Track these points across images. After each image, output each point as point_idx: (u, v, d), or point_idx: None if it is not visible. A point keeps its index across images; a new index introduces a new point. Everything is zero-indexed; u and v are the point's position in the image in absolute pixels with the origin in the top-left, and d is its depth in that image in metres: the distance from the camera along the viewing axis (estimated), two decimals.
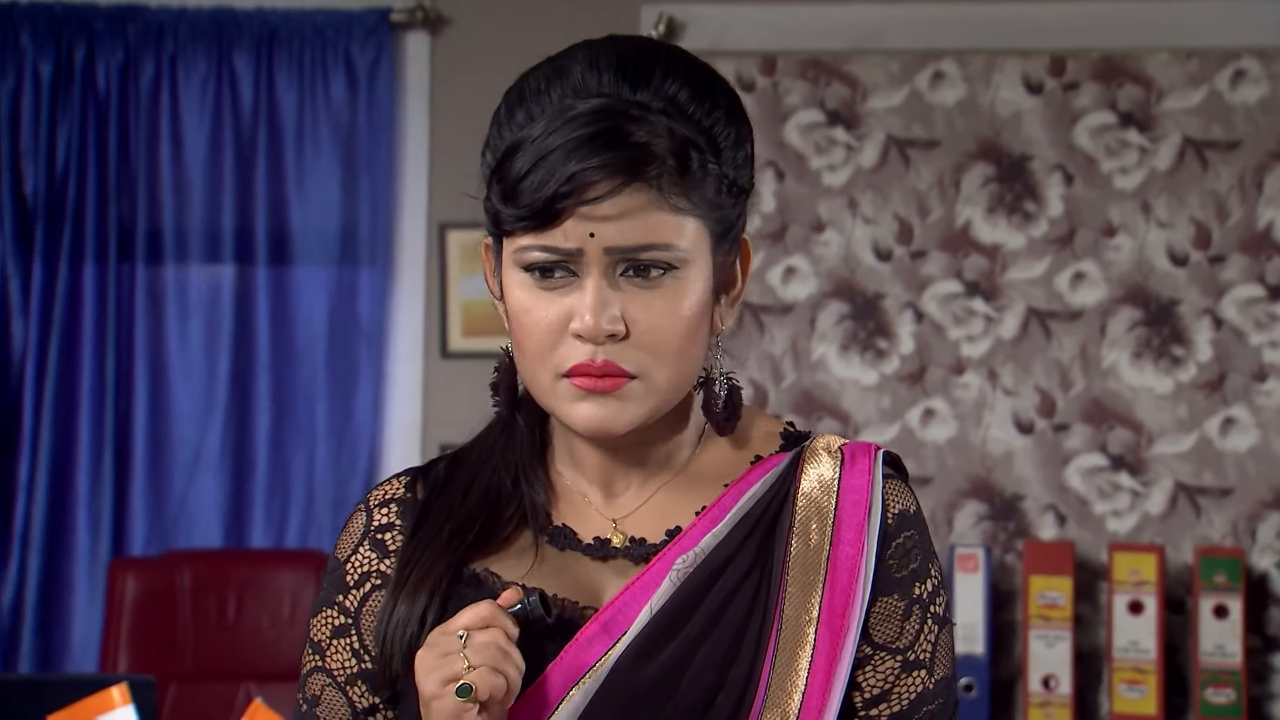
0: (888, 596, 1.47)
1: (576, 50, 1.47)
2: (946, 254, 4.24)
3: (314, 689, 1.50)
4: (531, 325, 1.43)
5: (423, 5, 4.26)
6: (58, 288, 4.21)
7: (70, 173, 4.23)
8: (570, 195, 1.39)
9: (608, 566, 1.47)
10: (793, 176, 4.25)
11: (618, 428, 1.43)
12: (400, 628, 1.44)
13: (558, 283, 1.42)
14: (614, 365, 1.41)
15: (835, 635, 1.43)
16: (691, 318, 1.44)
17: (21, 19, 4.23)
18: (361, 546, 1.51)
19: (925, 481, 4.20)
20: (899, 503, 1.49)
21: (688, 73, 1.46)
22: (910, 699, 1.47)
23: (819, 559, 1.45)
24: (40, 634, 4.18)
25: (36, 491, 4.18)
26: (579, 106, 1.42)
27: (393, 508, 1.52)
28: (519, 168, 1.41)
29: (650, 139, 1.41)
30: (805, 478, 1.48)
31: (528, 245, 1.42)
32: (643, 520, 1.49)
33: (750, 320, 4.23)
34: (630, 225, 1.40)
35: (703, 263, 1.45)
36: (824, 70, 4.27)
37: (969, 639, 4.03)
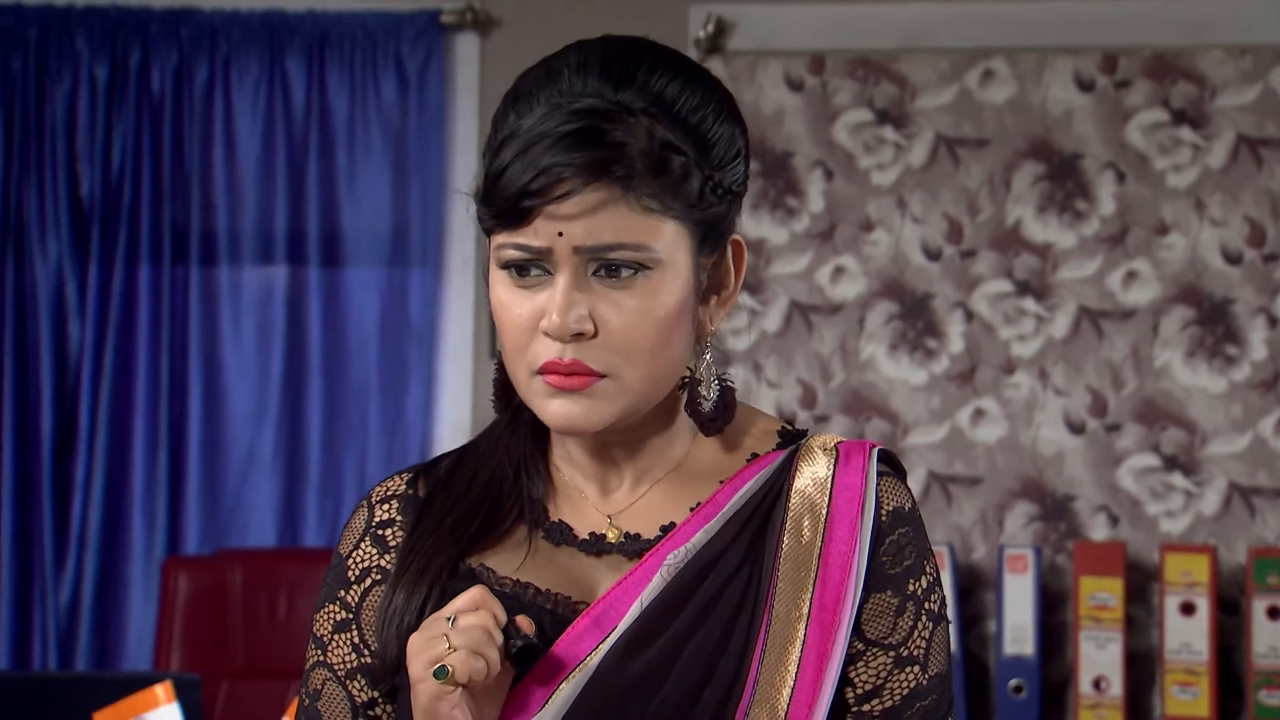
0: (881, 593, 1.47)
1: (569, 51, 1.48)
2: (996, 253, 4.22)
3: (315, 683, 1.52)
4: (509, 322, 1.45)
5: (472, 6, 4.28)
6: (113, 289, 4.26)
7: (125, 175, 4.28)
8: (538, 193, 1.40)
9: (602, 562, 1.48)
10: (841, 176, 4.24)
11: (588, 425, 1.44)
12: (398, 618, 1.46)
13: (533, 281, 1.44)
14: (581, 364, 1.42)
15: (826, 631, 1.44)
16: (665, 318, 1.44)
17: (77, 23, 4.28)
18: (363, 542, 1.53)
19: (975, 482, 4.19)
20: (893, 500, 1.50)
21: (674, 72, 1.47)
22: (903, 694, 1.47)
23: (811, 555, 1.45)
24: (96, 632, 4.23)
25: (93, 491, 4.23)
26: (565, 106, 1.43)
27: (394, 504, 1.54)
28: (499, 163, 1.43)
29: (626, 139, 1.41)
30: (799, 475, 1.49)
31: (504, 243, 1.44)
32: (638, 516, 1.50)
33: (799, 320, 4.23)
34: (598, 225, 1.41)
35: (681, 264, 1.44)
36: (873, 69, 4.26)
37: (1018, 640, 4.01)
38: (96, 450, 4.24)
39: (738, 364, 4.22)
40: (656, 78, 1.46)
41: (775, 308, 4.23)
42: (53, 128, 4.27)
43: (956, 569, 4.05)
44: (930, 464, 4.19)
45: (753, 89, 4.25)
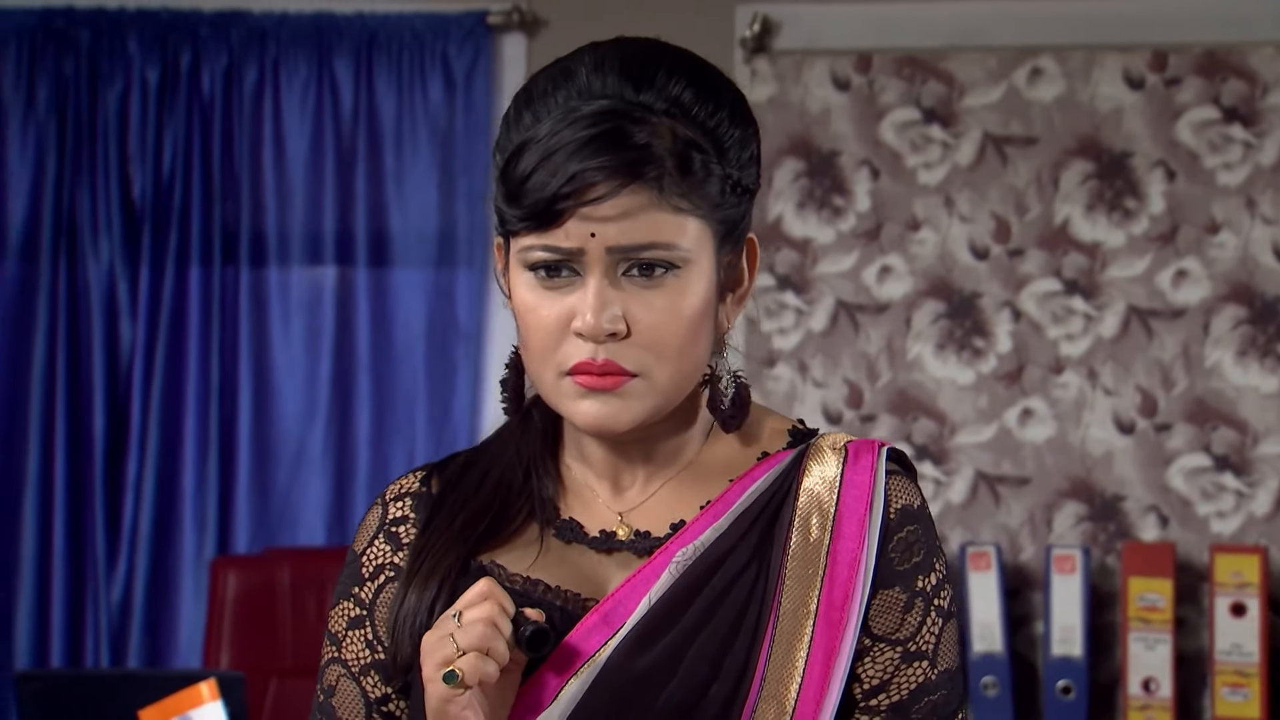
0: (889, 589, 1.48)
1: (583, 52, 1.49)
2: (1045, 252, 4.20)
3: (330, 679, 1.54)
4: (536, 324, 1.45)
5: (519, 7, 4.30)
6: (164, 290, 4.29)
7: (176, 177, 4.31)
8: (571, 196, 1.41)
9: (612, 559, 1.50)
10: (888, 175, 4.23)
11: (619, 425, 1.45)
12: (410, 617, 1.47)
13: (561, 282, 1.44)
14: (614, 364, 1.43)
15: (834, 628, 1.45)
16: (693, 316, 1.45)
17: (129, 26, 4.32)
18: (377, 539, 1.55)
19: (1023, 482, 4.17)
20: (902, 498, 1.50)
21: (692, 74, 1.48)
22: (910, 689, 1.48)
23: (819, 553, 1.46)
24: (147, 630, 4.26)
25: (144, 490, 4.27)
26: (583, 108, 1.44)
27: (407, 501, 1.55)
28: (523, 168, 1.43)
29: (651, 140, 1.43)
30: (808, 474, 1.50)
31: (531, 245, 1.44)
32: (648, 514, 1.51)
33: (845, 319, 4.22)
34: (631, 225, 1.42)
35: (705, 262, 1.46)
36: (920, 68, 4.25)
37: (1067, 641, 4.00)
38: (148, 450, 4.27)
39: (783, 363, 4.22)
40: (675, 79, 1.47)
41: (821, 307, 4.23)
42: (104, 130, 4.31)
43: (1004, 569, 4.03)
44: (978, 464, 4.18)
45: (799, 88, 4.25)
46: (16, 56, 4.31)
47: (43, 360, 4.28)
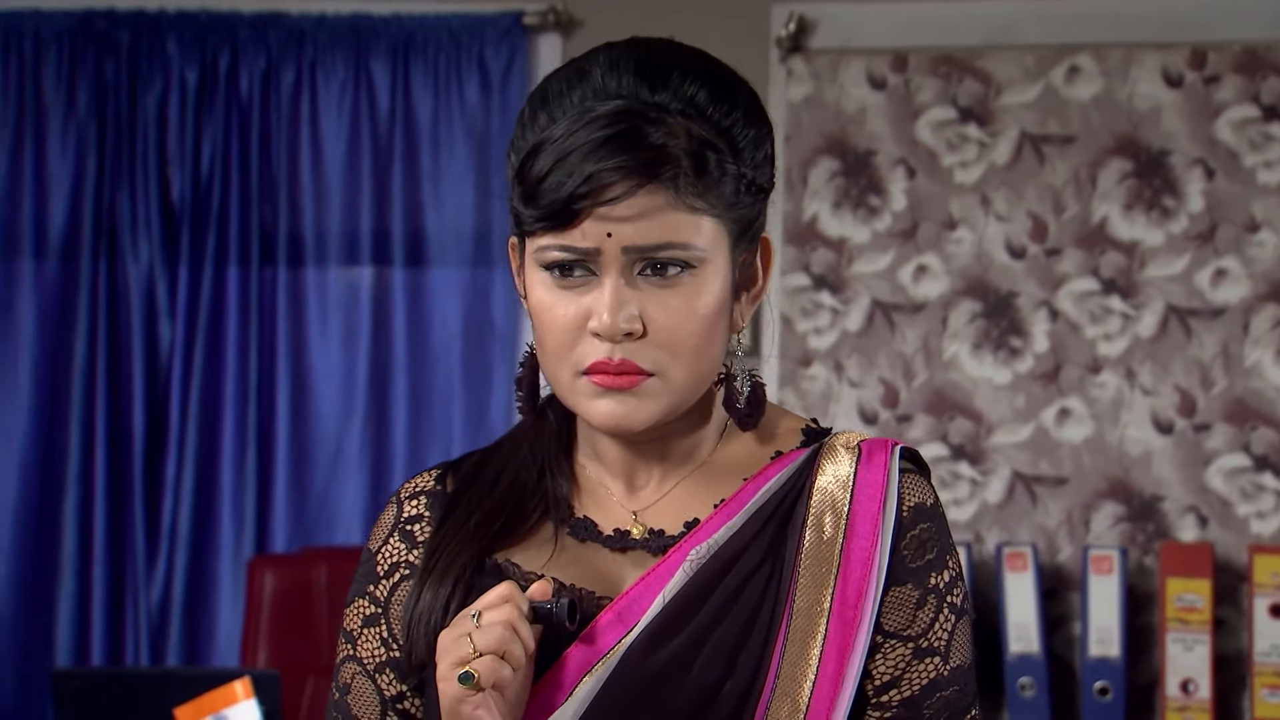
0: (901, 586, 1.49)
1: (598, 53, 1.50)
2: (1082, 251, 4.18)
3: (345, 677, 1.55)
4: (551, 323, 1.46)
5: (554, 8, 4.30)
6: (202, 291, 4.32)
7: (214, 178, 4.33)
8: (588, 196, 1.42)
9: (626, 558, 1.50)
10: (924, 174, 4.22)
11: (635, 424, 1.45)
12: (425, 615, 1.48)
13: (577, 281, 1.45)
14: (631, 363, 1.44)
15: (847, 626, 1.45)
16: (709, 316, 1.46)
17: (168, 28, 4.34)
18: (392, 537, 1.56)
19: (1061, 482, 4.15)
20: (915, 496, 1.50)
21: (706, 74, 1.49)
22: (922, 685, 1.48)
23: (832, 551, 1.47)
24: (186, 628, 4.29)
25: (183, 489, 4.29)
26: (598, 108, 1.44)
27: (422, 499, 1.56)
28: (539, 169, 1.44)
29: (667, 140, 1.44)
30: (822, 473, 1.50)
31: (547, 245, 1.45)
32: (662, 513, 1.51)
33: (881, 319, 4.21)
34: (648, 225, 1.43)
35: (721, 261, 1.47)
36: (956, 66, 4.23)
37: (1104, 642, 3.98)
38: (187, 449, 4.29)
39: (819, 363, 4.22)
40: (690, 79, 1.48)
41: (857, 307, 4.22)
42: (144, 131, 4.33)
43: (1040, 570, 4.02)
44: (1015, 464, 4.16)
45: (834, 87, 4.24)
46: (57, 58, 4.34)
47: (83, 360, 4.31)
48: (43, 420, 4.32)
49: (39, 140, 4.34)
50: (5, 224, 4.34)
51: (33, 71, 4.34)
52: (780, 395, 4.20)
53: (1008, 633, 3.98)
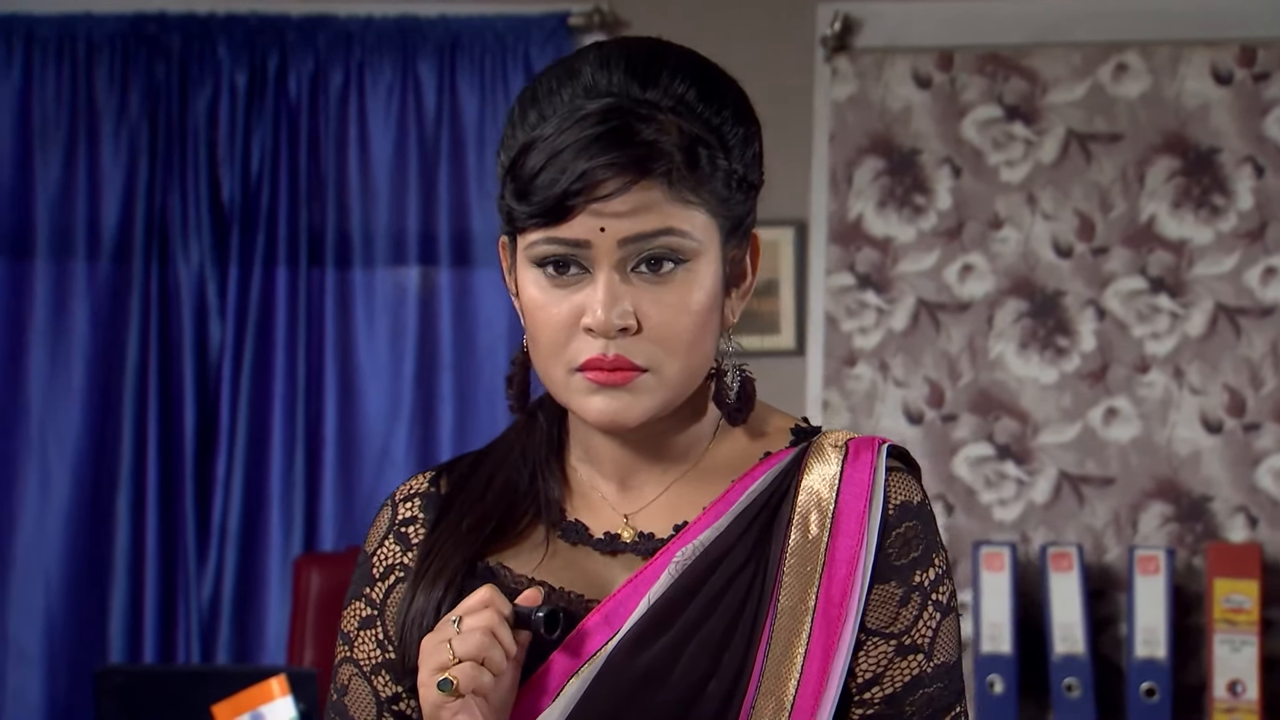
0: (885, 584, 1.49)
1: (588, 51, 1.51)
2: (1130, 250, 4.16)
3: (343, 679, 1.56)
4: (545, 321, 1.47)
5: (599, 9, 4.32)
6: (252, 291, 4.35)
7: (264, 179, 4.37)
8: (581, 193, 1.43)
9: (617, 561, 1.51)
10: (970, 173, 4.20)
11: (630, 420, 1.46)
12: (417, 618, 1.49)
13: (570, 279, 1.46)
14: (625, 359, 1.45)
15: (832, 625, 1.45)
16: (701, 311, 1.47)
17: (218, 31, 4.38)
18: (387, 540, 1.57)
19: (1108, 482, 4.13)
20: (901, 494, 1.50)
21: (696, 73, 1.49)
22: (905, 681, 1.48)
23: (817, 550, 1.47)
24: (236, 626, 4.32)
25: (233, 488, 4.32)
26: (588, 106, 1.45)
27: (416, 501, 1.57)
28: (532, 166, 1.45)
29: (658, 136, 1.45)
30: (809, 472, 1.50)
31: (537, 239, 1.46)
32: (654, 515, 1.52)
33: (926, 318, 4.20)
34: (643, 216, 1.44)
35: (713, 257, 1.48)
36: (1002, 65, 4.22)
37: (1150, 643, 3.95)
38: (236, 448, 4.33)
39: (864, 363, 4.21)
40: (680, 77, 1.49)
41: (902, 306, 4.21)
42: (194, 133, 4.37)
43: (1086, 571, 4.00)
44: (1061, 464, 4.14)
45: (879, 86, 4.23)
46: (109, 62, 4.39)
47: (135, 360, 4.35)
48: (96, 419, 4.36)
49: (91, 143, 4.38)
50: (59, 226, 4.38)
51: (85, 75, 4.38)
52: (825, 395, 4.19)
53: (1053, 633, 3.96)
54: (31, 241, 4.39)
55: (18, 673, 4.32)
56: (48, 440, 4.36)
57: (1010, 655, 3.96)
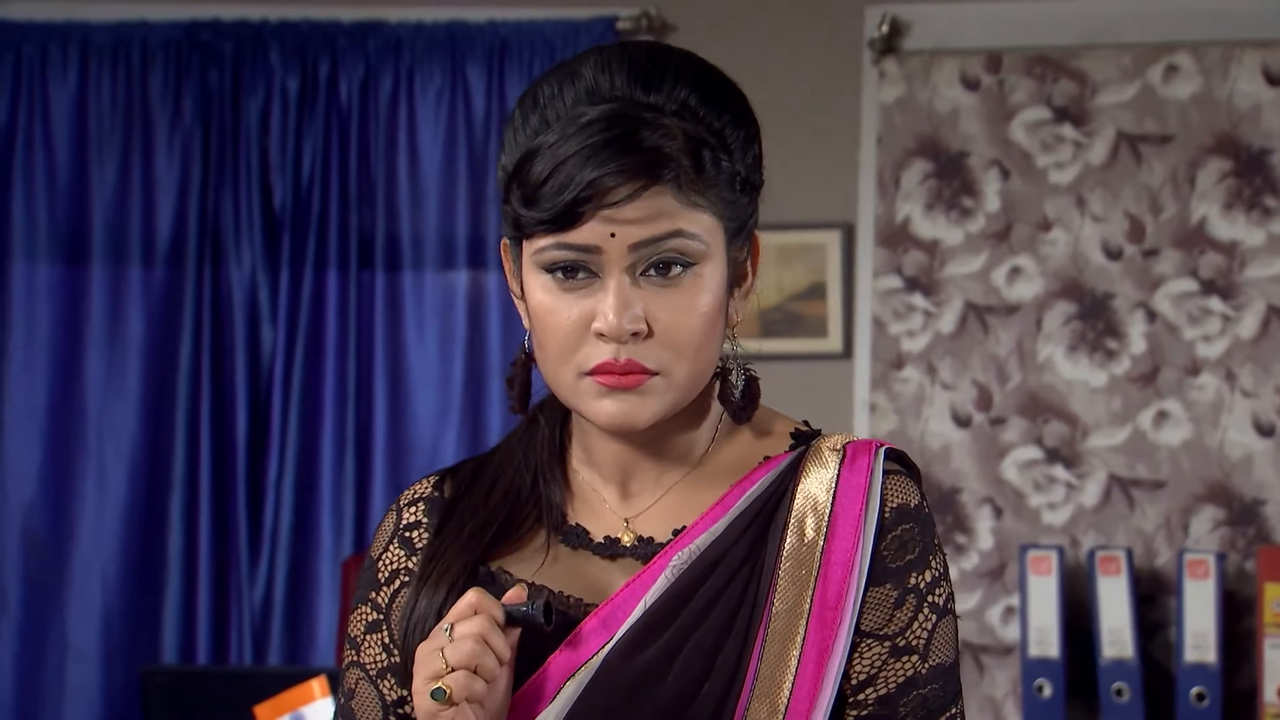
0: (880, 586, 1.49)
1: (588, 55, 1.51)
2: (1181, 252, 4.13)
3: (350, 683, 1.58)
4: (554, 326, 1.48)
5: (648, 13, 4.33)
6: (303, 295, 4.38)
7: (315, 185, 4.40)
8: (591, 199, 1.44)
9: (616, 565, 1.52)
10: (1018, 175, 4.19)
11: (639, 422, 1.47)
12: (420, 623, 1.51)
13: (579, 283, 1.47)
14: (636, 363, 1.46)
15: (827, 628, 1.46)
16: (709, 313, 1.48)
17: (271, 37, 4.42)
18: (391, 544, 1.58)
19: (1158, 486, 4.10)
20: (898, 497, 1.51)
21: (697, 76, 1.50)
22: (898, 682, 1.48)
23: (813, 553, 1.47)
24: (288, 628, 4.35)
25: (284, 490, 4.36)
26: (590, 112, 1.46)
27: (420, 506, 1.58)
28: (537, 174, 1.45)
29: (663, 142, 1.45)
30: (806, 476, 1.51)
31: (547, 245, 1.47)
32: (653, 519, 1.53)
33: (974, 321, 4.19)
34: (653, 221, 1.45)
35: (719, 258, 1.49)
36: (1051, 66, 4.20)
37: (1200, 648, 3.93)
38: (288, 450, 4.36)
39: (911, 365, 4.20)
40: (682, 82, 1.50)
41: (950, 309, 4.20)
42: (247, 139, 4.41)
43: (1135, 575, 3.97)
44: (1111, 467, 4.12)
45: (927, 89, 4.22)
46: (164, 68, 4.43)
47: (188, 363, 4.39)
48: (150, 422, 4.41)
49: (146, 149, 4.43)
50: (114, 232, 4.43)
51: (140, 81, 4.43)
52: (872, 398, 4.19)
53: (1101, 637, 3.94)
54: (88, 247, 4.44)
55: (77, 671, 4.37)
56: (105, 442, 4.41)
57: (1058, 659, 3.94)
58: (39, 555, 4.40)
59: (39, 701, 4.38)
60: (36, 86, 4.44)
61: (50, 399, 4.42)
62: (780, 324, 4.18)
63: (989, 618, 4.13)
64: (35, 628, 4.39)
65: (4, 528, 4.40)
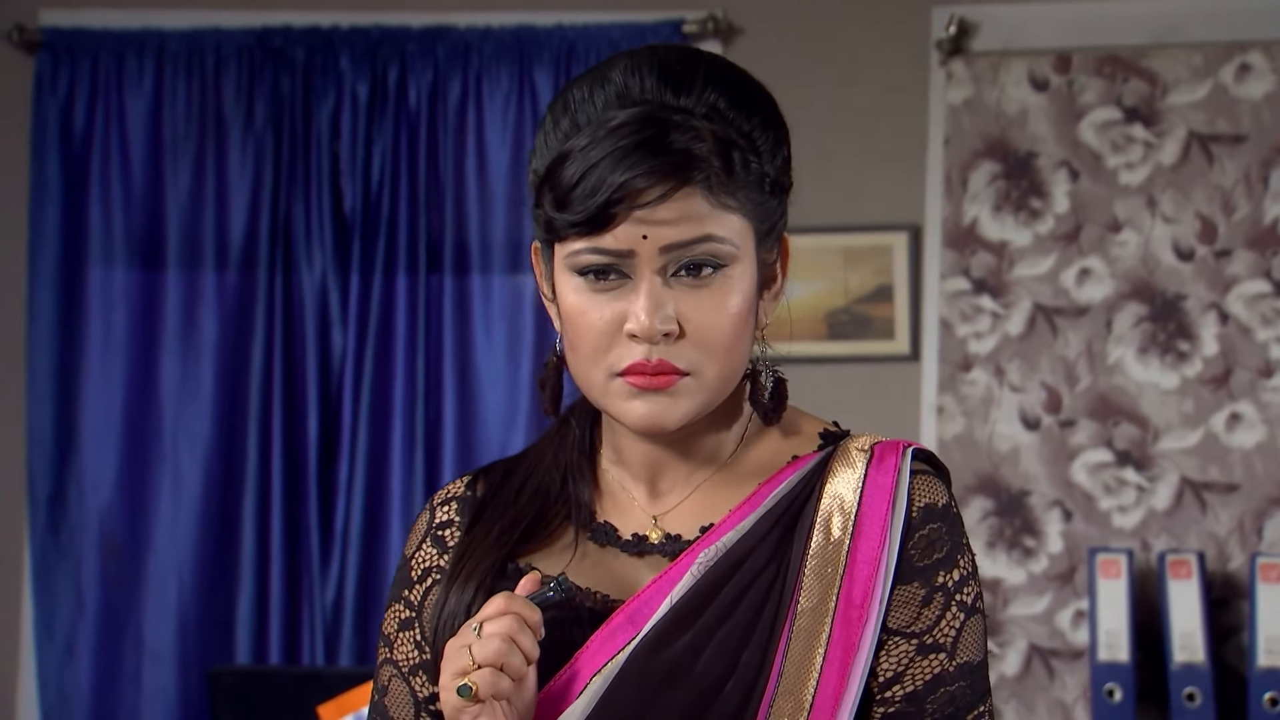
0: (907, 584, 1.49)
1: (618, 59, 1.52)
2: (1253, 253, 4.08)
3: (383, 679, 1.59)
4: (586, 327, 1.49)
5: (714, 15, 4.33)
6: (372, 298, 4.41)
7: (384, 189, 4.43)
8: (623, 201, 1.44)
9: (644, 562, 1.53)
10: (1088, 176, 4.16)
11: (670, 423, 1.48)
12: (450, 620, 1.52)
13: (611, 285, 1.48)
14: (668, 364, 1.47)
15: (852, 626, 1.46)
16: (739, 314, 1.49)
17: (341, 43, 4.45)
18: (425, 543, 1.59)
19: (1231, 489, 4.06)
20: (926, 497, 1.51)
21: (726, 79, 1.51)
22: (925, 680, 1.48)
23: (839, 553, 1.48)
24: (358, 629, 4.38)
25: (354, 492, 4.39)
26: (620, 115, 1.47)
27: (453, 505, 1.60)
28: (569, 177, 1.46)
29: (692, 143, 1.46)
30: (834, 476, 1.51)
31: (580, 249, 1.48)
32: (682, 517, 1.54)
33: (1043, 323, 4.16)
34: (684, 224, 1.46)
35: (749, 260, 1.50)
36: (1121, 66, 4.16)
37: (1273, 652, 3.88)
38: (358, 452, 4.39)
39: (979, 367, 4.17)
40: (711, 85, 1.50)
41: (1018, 310, 4.17)
42: (318, 144, 4.44)
43: (1207, 578, 3.93)
44: (1183, 470, 4.08)
45: (995, 90, 4.20)
46: (237, 75, 4.47)
47: (260, 366, 4.43)
48: (223, 425, 4.45)
49: (220, 154, 4.47)
50: (188, 236, 4.48)
51: (213, 88, 4.48)
52: (940, 400, 4.17)
53: (1172, 641, 3.90)
54: (163, 252, 4.49)
55: (153, 672, 4.42)
56: (179, 445, 4.45)
57: (1128, 664, 3.91)
58: (116, 558, 4.46)
59: (116, 702, 4.43)
60: (113, 94, 4.49)
61: (126, 403, 4.47)
62: (847, 326, 4.17)
63: (1059, 621, 4.10)
64: (112, 630, 4.44)
65: (82, 531, 4.46)
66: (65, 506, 4.46)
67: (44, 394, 4.44)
